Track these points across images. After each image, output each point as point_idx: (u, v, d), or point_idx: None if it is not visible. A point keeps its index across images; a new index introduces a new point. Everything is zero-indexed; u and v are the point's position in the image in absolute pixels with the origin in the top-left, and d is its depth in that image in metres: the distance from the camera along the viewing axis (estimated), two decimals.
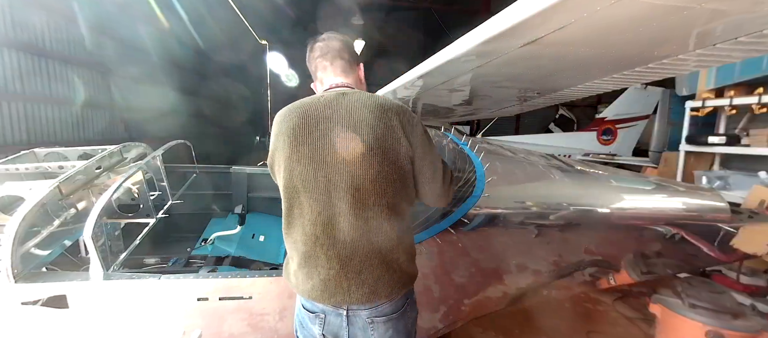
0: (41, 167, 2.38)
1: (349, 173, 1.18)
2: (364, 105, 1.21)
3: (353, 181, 1.18)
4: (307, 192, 1.21)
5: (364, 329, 1.28)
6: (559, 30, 1.05)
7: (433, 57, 1.53)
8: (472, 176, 2.06)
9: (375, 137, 1.18)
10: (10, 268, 1.63)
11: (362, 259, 1.21)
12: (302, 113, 1.24)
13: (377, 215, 1.20)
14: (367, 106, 1.21)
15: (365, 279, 1.22)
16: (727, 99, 4.32)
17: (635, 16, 0.99)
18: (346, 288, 1.22)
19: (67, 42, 5.87)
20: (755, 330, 2.27)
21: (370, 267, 1.22)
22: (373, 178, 1.18)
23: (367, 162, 1.17)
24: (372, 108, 1.20)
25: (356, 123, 1.19)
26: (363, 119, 1.19)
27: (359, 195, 1.18)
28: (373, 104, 1.22)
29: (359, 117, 1.19)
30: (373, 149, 1.17)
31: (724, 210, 2.62)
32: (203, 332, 1.79)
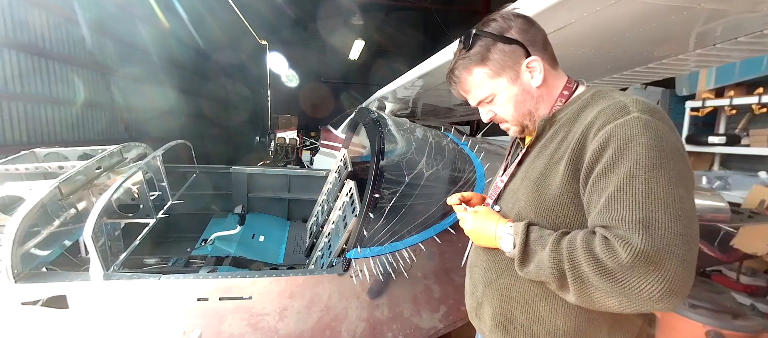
0: (41, 167, 2.38)
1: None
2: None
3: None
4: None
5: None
6: (559, 30, 1.05)
7: (433, 57, 1.53)
8: (472, 176, 2.06)
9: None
10: (10, 268, 1.63)
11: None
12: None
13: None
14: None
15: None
16: (727, 99, 4.33)
17: (635, 16, 0.99)
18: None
19: (67, 42, 5.87)
20: (755, 330, 2.27)
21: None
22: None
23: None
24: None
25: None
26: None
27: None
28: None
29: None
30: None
31: (724, 210, 2.62)
32: (203, 332, 1.79)
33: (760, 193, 3.06)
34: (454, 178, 2.04)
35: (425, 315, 2.11)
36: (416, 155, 1.95)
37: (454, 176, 2.04)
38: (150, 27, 8.09)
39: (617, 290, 0.77)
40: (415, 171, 1.94)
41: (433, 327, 2.14)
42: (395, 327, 2.02)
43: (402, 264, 1.91)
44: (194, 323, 1.80)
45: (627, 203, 0.77)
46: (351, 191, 2.00)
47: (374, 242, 1.87)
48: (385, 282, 1.92)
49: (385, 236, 1.88)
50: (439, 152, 2.04)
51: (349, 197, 2.00)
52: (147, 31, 8.00)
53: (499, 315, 1.05)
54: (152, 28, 8.15)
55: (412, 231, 1.92)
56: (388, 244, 1.89)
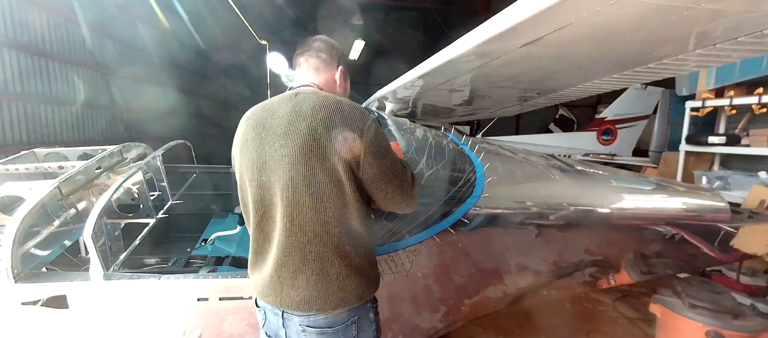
0: (41, 167, 2.38)
1: (283, 180, 1.17)
2: (302, 111, 1.17)
3: (287, 188, 1.16)
4: (251, 194, 1.25)
5: (299, 334, 1.27)
6: (559, 30, 1.05)
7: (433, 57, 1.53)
8: (472, 176, 2.06)
9: (307, 145, 1.14)
10: (10, 268, 1.63)
11: (297, 265, 1.19)
12: (255, 115, 1.28)
13: (312, 224, 1.17)
14: (307, 112, 1.16)
15: (298, 285, 1.20)
16: (727, 99, 4.32)
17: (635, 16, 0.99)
18: (278, 290, 1.23)
19: (67, 42, 5.87)
20: (755, 330, 2.27)
21: (304, 275, 1.19)
22: (305, 187, 1.15)
23: (299, 171, 1.15)
24: (311, 114, 1.16)
25: (291, 130, 1.16)
26: (297, 127, 1.16)
27: (294, 203, 1.16)
28: (312, 110, 1.16)
29: (294, 124, 1.16)
30: (305, 157, 1.14)
31: (724, 210, 2.62)
32: (203, 332, 1.79)
33: (760, 193, 3.06)
34: (454, 178, 2.04)
35: (425, 315, 2.11)
36: (416, 155, 1.95)
37: (454, 176, 2.04)
38: (150, 27, 8.09)
39: None
40: (415, 171, 1.94)
41: (433, 327, 2.14)
42: (395, 327, 2.02)
43: (402, 264, 1.91)
44: (194, 323, 1.80)
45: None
46: None
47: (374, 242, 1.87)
48: (386, 282, 1.91)
49: (385, 237, 1.88)
50: (439, 152, 2.04)
51: None
52: (147, 31, 8.00)
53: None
54: (152, 28, 8.14)
55: (412, 231, 1.92)
56: (388, 244, 1.89)
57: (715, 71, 4.49)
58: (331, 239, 1.18)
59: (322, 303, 1.20)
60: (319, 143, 1.14)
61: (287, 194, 1.17)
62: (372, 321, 1.32)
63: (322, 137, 1.14)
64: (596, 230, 2.38)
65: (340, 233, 1.19)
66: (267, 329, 1.35)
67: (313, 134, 1.14)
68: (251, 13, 8.22)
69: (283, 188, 1.17)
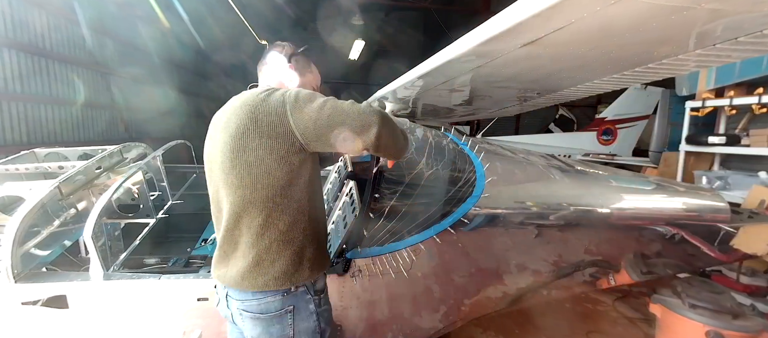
0: (41, 167, 2.38)
1: (216, 165, 1.28)
2: (236, 104, 1.28)
3: (224, 169, 1.25)
4: (207, 176, 1.37)
5: (238, 319, 1.34)
6: (559, 30, 1.05)
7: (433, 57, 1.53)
8: (472, 176, 2.06)
9: (238, 130, 1.21)
10: (10, 268, 1.63)
11: (237, 238, 1.27)
12: (215, 115, 1.40)
13: (239, 202, 1.24)
14: (238, 104, 1.27)
15: (236, 257, 1.28)
16: (727, 99, 4.32)
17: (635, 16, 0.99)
18: (224, 264, 1.31)
19: (67, 42, 5.87)
20: (755, 330, 2.27)
21: (241, 248, 1.27)
22: (231, 168, 1.23)
23: (227, 154, 1.23)
24: (240, 105, 1.25)
25: (227, 120, 1.27)
26: (231, 116, 1.26)
27: (232, 181, 1.24)
28: (243, 100, 1.26)
29: (229, 115, 1.27)
30: (237, 142, 1.21)
31: (724, 210, 2.62)
32: (203, 332, 1.79)
33: (760, 193, 3.05)
34: (454, 178, 2.04)
35: (425, 315, 2.11)
36: (416, 155, 1.95)
37: (454, 176, 2.04)
38: (150, 27, 8.09)
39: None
40: (415, 171, 1.94)
41: (433, 327, 2.14)
42: (395, 327, 2.02)
43: (402, 264, 1.91)
44: (194, 323, 1.80)
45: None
46: (351, 191, 2.00)
47: (374, 242, 1.87)
48: (385, 282, 1.91)
49: (385, 236, 1.88)
50: (439, 152, 2.04)
51: (349, 197, 2.00)
52: (147, 31, 8.00)
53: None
54: (152, 28, 8.15)
55: (412, 231, 1.92)
56: (388, 244, 1.89)
57: (715, 71, 4.49)
58: (259, 216, 1.24)
59: (253, 278, 1.25)
60: (247, 128, 1.21)
61: (222, 179, 1.27)
62: (312, 312, 1.32)
63: (248, 123, 1.21)
64: (596, 230, 2.38)
65: (269, 211, 1.24)
66: (219, 309, 1.43)
67: (241, 121, 1.22)
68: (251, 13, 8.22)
69: (219, 174, 1.28)
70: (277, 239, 1.25)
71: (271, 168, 1.21)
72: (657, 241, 2.53)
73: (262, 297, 1.26)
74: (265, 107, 1.20)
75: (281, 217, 1.25)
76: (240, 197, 1.24)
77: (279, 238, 1.25)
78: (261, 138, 1.19)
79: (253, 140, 1.19)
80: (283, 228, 1.25)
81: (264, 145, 1.19)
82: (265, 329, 1.28)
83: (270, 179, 1.21)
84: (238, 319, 1.34)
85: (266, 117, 1.19)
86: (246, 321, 1.30)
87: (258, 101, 1.22)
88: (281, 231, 1.25)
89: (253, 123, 1.19)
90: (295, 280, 1.28)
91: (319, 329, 1.33)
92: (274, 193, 1.23)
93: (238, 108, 1.25)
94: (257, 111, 1.20)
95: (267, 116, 1.19)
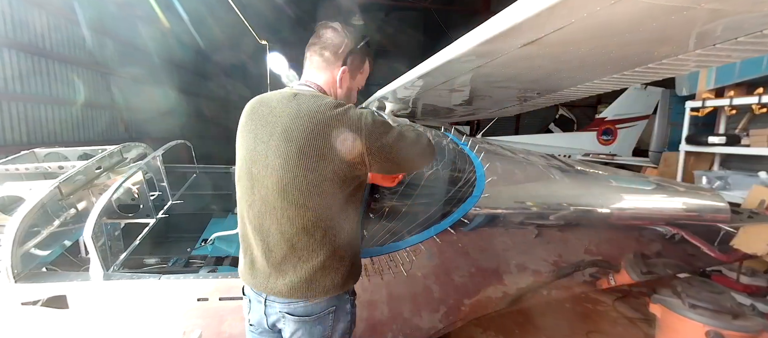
0: (41, 167, 2.38)
1: (278, 175, 1.21)
2: (300, 114, 1.21)
3: (281, 183, 1.21)
4: (242, 181, 1.31)
5: (278, 321, 1.33)
6: (559, 30, 1.05)
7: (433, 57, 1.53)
8: (472, 176, 2.06)
9: (302, 148, 1.18)
10: (10, 268, 1.63)
11: (285, 253, 1.25)
12: (256, 108, 1.32)
13: (301, 218, 1.21)
14: (304, 115, 1.20)
15: (285, 271, 1.25)
16: (727, 99, 4.32)
17: (635, 16, 0.99)
18: (266, 275, 1.28)
19: (67, 42, 5.87)
20: (755, 330, 2.27)
21: (290, 263, 1.25)
22: (296, 185, 1.19)
23: (292, 170, 1.19)
24: (308, 117, 1.19)
25: (288, 130, 1.20)
26: (293, 127, 1.20)
27: (287, 197, 1.21)
28: (309, 114, 1.20)
29: (291, 124, 1.20)
30: (299, 159, 1.18)
31: (724, 210, 2.62)
32: (203, 332, 1.79)
33: (760, 193, 3.05)
34: (454, 178, 2.04)
35: (425, 315, 2.11)
36: None
37: (454, 176, 2.04)
38: (150, 27, 8.09)
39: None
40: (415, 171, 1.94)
41: (433, 327, 2.14)
42: (395, 327, 2.02)
43: (402, 264, 1.91)
44: (194, 323, 1.80)
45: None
46: None
47: (374, 242, 1.87)
48: (385, 282, 1.91)
49: (385, 236, 1.88)
50: (439, 152, 2.04)
51: None
52: (147, 31, 8.00)
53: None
54: (152, 28, 8.14)
55: (412, 231, 1.92)
56: (388, 244, 1.89)
57: (715, 71, 4.48)
58: (318, 233, 1.23)
59: (305, 290, 1.25)
60: (314, 146, 1.17)
61: (279, 190, 1.21)
62: (348, 312, 1.37)
63: (317, 141, 1.17)
64: (596, 230, 2.38)
65: (327, 227, 1.24)
66: (251, 317, 1.41)
67: (309, 138, 1.17)
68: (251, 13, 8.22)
69: (275, 184, 1.21)
70: (330, 256, 1.26)
71: (335, 189, 1.21)
72: (657, 241, 2.53)
73: (310, 300, 1.28)
74: (337, 127, 1.17)
75: (337, 235, 1.26)
76: (299, 214, 1.21)
77: (333, 255, 1.26)
78: (329, 159, 1.18)
79: (321, 160, 1.18)
80: (337, 246, 1.26)
81: (331, 166, 1.18)
82: (308, 330, 1.29)
83: (332, 200, 1.22)
84: (276, 320, 1.33)
85: (339, 138, 1.17)
86: (288, 324, 1.30)
87: (329, 118, 1.18)
88: (335, 248, 1.26)
89: (322, 141, 1.17)
90: (341, 289, 1.31)
91: (351, 328, 1.39)
92: (334, 213, 1.24)
93: (302, 118, 1.19)
94: (329, 129, 1.17)
95: (340, 138, 1.17)
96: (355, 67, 1.42)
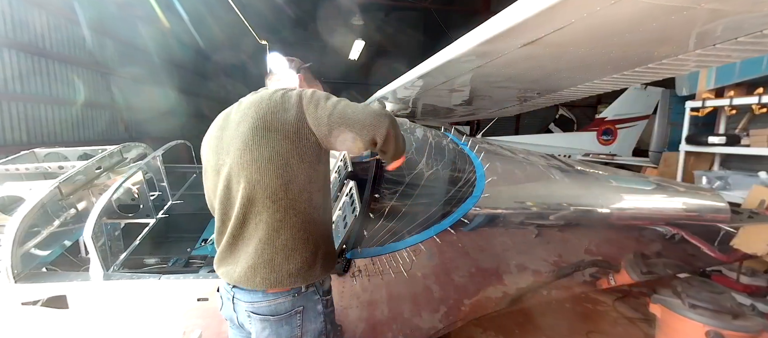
0: (41, 167, 2.38)
1: (236, 158, 1.25)
2: (253, 100, 1.28)
3: (239, 165, 1.24)
4: (211, 176, 1.37)
5: (246, 320, 1.32)
6: (559, 30, 1.05)
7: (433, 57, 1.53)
8: (472, 176, 2.06)
9: (254, 126, 1.22)
10: (10, 268, 1.63)
11: (250, 233, 1.26)
12: (218, 118, 1.40)
13: (262, 197, 1.23)
14: (255, 100, 1.27)
15: (248, 253, 1.25)
16: (727, 99, 4.32)
17: (635, 16, 0.99)
18: (232, 261, 1.29)
19: (67, 42, 5.87)
20: (755, 330, 2.27)
21: (253, 243, 1.25)
22: (254, 161, 1.22)
23: (248, 149, 1.22)
24: (258, 102, 1.26)
25: (240, 118, 1.27)
26: (247, 113, 1.26)
27: (246, 178, 1.23)
28: (260, 98, 1.27)
29: (246, 112, 1.26)
30: (253, 137, 1.22)
31: (724, 210, 2.62)
32: (203, 332, 1.79)
33: (760, 193, 3.06)
34: (454, 178, 2.04)
35: (425, 315, 2.11)
36: (416, 155, 1.95)
37: (454, 176, 2.04)
38: (150, 27, 8.09)
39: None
40: (415, 171, 1.94)
41: (433, 327, 2.14)
42: (395, 327, 2.02)
43: (402, 264, 1.91)
44: (194, 323, 1.80)
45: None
46: (351, 191, 2.00)
47: (374, 242, 1.87)
48: (385, 282, 1.91)
49: (385, 236, 1.88)
50: (439, 152, 2.04)
51: (349, 197, 2.00)
52: (147, 31, 8.00)
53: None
54: (152, 28, 8.14)
55: (412, 231, 1.92)
56: (388, 244, 1.89)
57: (715, 71, 4.49)
58: (278, 212, 1.23)
59: (266, 273, 1.23)
60: (264, 123, 1.21)
61: (238, 171, 1.24)
62: (320, 312, 1.33)
63: (266, 117, 1.22)
64: (596, 231, 2.39)
65: (287, 207, 1.23)
66: (223, 312, 1.42)
67: (258, 117, 1.22)
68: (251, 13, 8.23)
69: (234, 167, 1.25)
70: (293, 236, 1.24)
71: (290, 162, 1.22)
72: (657, 241, 2.53)
73: (273, 298, 1.26)
74: (282, 103, 1.23)
75: (298, 214, 1.25)
76: (258, 191, 1.22)
77: (295, 235, 1.25)
78: (278, 132, 1.21)
79: (272, 134, 1.20)
80: (300, 225, 1.25)
81: (282, 139, 1.21)
82: (274, 330, 1.27)
83: (289, 175, 1.22)
84: (244, 321, 1.33)
85: (283, 113, 1.21)
86: (254, 323, 1.29)
87: (276, 98, 1.25)
88: (297, 228, 1.25)
89: (271, 117, 1.21)
90: (308, 278, 1.28)
91: (326, 330, 1.34)
92: (293, 188, 1.23)
93: (253, 104, 1.26)
94: (275, 107, 1.22)
95: (284, 111, 1.22)
96: (310, 79, 1.58)
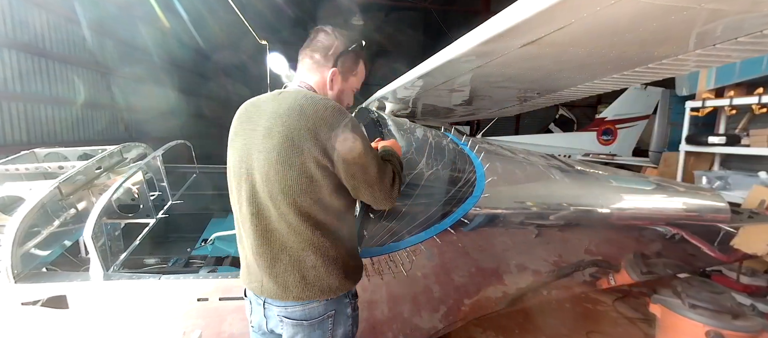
0: (41, 167, 2.38)
1: (262, 172, 1.21)
2: (281, 110, 1.20)
3: (265, 181, 1.20)
4: (231, 183, 1.33)
5: (277, 325, 1.32)
6: (559, 30, 1.05)
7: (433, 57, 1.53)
8: (472, 176, 2.06)
9: (282, 143, 1.17)
10: (10, 268, 1.63)
11: (275, 254, 1.23)
12: (245, 109, 1.34)
13: (286, 216, 1.20)
14: (284, 111, 1.20)
15: (276, 273, 1.24)
16: (727, 99, 4.32)
17: (635, 16, 0.99)
18: (259, 278, 1.28)
19: (67, 42, 5.87)
20: (755, 330, 2.28)
21: (281, 264, 1.23)
22: (279, 181, 1.18)
23: (274, 166, 1.18)
24: (287, 114, 1.19)
25: (270, 126, 1.20)
26: (274, 125, 1.19)
27: (271, 195, 1.20)
28: (289, 109, 1.19)
29: (272, 121, 1.20)
30: (280, 154, 1.17)
31: (724, 210, 2.62)
32: (203, 332, 1.79)
33: (760, 193, 3.06)
34: (454, 178, 2.04)
35: (425, 315, 2.11)
36: (416, 155, 1.95)
37: (454, 176, 2.04)
38: (150, 27, 8.08)
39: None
40: (414, 171, 1.94)
41: (433, 327, 2.14)
42: (395, 327, 2.02)
43: (402, 264, 1.91)
44: (194, 323, 1.80)
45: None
46: None
47: (374, 242, 1.87)
48: (385, 282, 1.91)
49: (385, 237, 1.88)
50: (439, 152, 2.04)
51: None
52: (147, 31, 7.99)
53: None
54: (152, 28, 8.14)
55: (412, 231, 1.92)
56: (388, 244, 1.89)
57: (715, 71, 4.48)
58: (306, 232, 1.21)
59: (299, 291, 1.24)
60: (292, 141, 1.16)
61: (264, 187, 1.21)
62: (349, 315, 1.34)
63: (295, 135, 1.16)
64: (596, 230, 2.38)
65: (315, 225, 1.22)
66: (252, 319, 1.41)
67: (288, 133, 1.17)
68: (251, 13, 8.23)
69: (260, 181, 1.22)
70: (324, 254, 1.24)
71: (318, 185, 1.19)
72: (657, 241, 2.53)
73: (307, 304, 1.26)
74: (315, 120, 1.16)
75: (328, 233, 1.24)
76: (282, 211, 1.19)
77: (326, 253, 1.24)
78: (305, 153, 1.16)
79: (298, 154, 1.16)
80: (328, 245, 1.24)
81: (308, 160, 1.17)
82: (307, 334, 1.28)
83: (317, 196, 1.20)
84: (275, 326, 1.34)
85: (315, 133, 1.16)
86: (286, 328, 1.30)
87: (308, 111, 1.17)
88: (328, 246, 1.24)
89: (299, 134, 1.16)
90: (340, 291, 1.29)
91: (352, 332, 1.36)
92: (320, 209, 1.21)
93: (283, 114, 1.19)
94: (307, 122, 1.16)
95: (316, 130, 1.16)
96: (347, 69, 1.41)
